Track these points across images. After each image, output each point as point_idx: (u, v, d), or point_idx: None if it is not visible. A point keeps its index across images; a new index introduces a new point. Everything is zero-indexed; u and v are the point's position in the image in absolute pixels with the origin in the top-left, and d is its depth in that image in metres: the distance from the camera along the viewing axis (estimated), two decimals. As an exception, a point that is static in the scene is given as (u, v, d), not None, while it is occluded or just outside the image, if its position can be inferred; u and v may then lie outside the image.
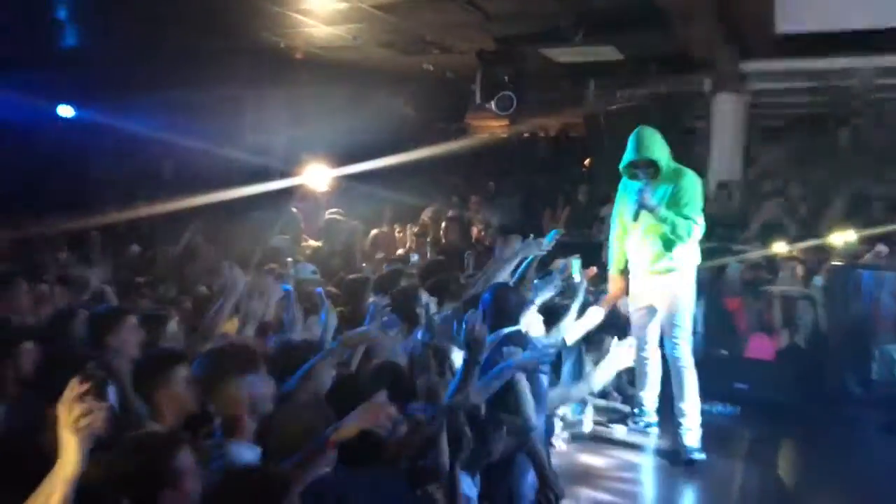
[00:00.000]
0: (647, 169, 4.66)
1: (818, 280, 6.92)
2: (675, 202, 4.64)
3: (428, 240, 7.66)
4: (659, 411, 5.20)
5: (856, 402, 5.96)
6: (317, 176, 8.85)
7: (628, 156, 4.71)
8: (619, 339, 4.64)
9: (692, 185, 4.70)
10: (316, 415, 2.68)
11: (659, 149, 4.67)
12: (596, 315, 4.79)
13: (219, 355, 2.88)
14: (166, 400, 2.84)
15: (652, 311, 4.99)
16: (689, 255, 4.86)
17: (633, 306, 5.14)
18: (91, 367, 3.12)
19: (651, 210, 4.61)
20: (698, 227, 4.67)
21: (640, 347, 4.99)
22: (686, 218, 4.61)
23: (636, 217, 4.72)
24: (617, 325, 5.53)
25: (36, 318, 4.41)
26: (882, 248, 6.98)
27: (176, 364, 2.90)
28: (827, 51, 7.85)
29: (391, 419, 2.45)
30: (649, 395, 5.20)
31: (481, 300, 4.23)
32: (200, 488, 2.22)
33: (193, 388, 2.82)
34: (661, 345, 5.03)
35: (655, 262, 4.87)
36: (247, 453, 2.61)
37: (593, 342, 5.70)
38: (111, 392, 3.18)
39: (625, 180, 4.95)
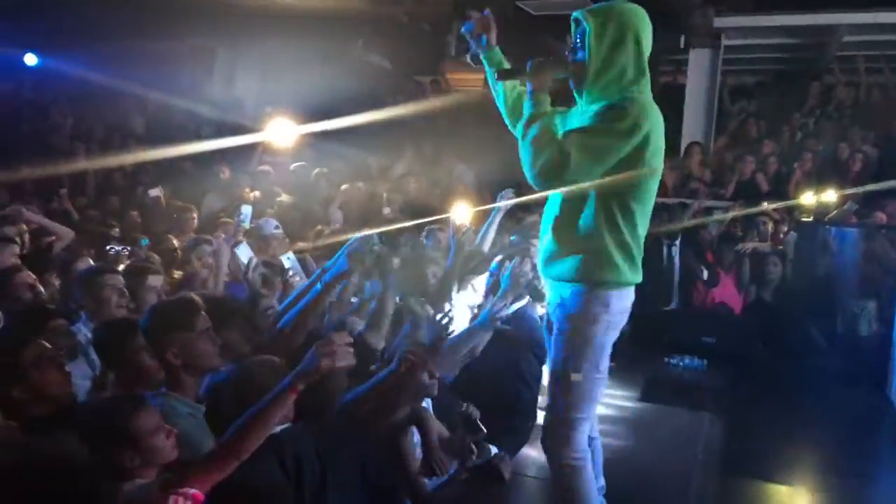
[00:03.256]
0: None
1: (792, 235, 7.04)
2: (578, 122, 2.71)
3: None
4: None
5: (820, 354, 6.11)
6: (287, 131, 8.76)
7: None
8: None
9: (620, 109, 2.59)
10: (272, 374, 2.68)
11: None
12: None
13: (156, 312, 2.86)
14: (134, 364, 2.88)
15: None
16: (596, 257, 2.70)
17: None
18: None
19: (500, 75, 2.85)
20: (568, 169, 2.55)
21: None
22: (557, 136, 2.63)
23: (474, 59, 2.96)
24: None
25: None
26: (851, 206, 7.09)
27: (135, 334, 2.89)
28: (801, 6, 7.86)
29: (349, 350, 2.36)
30: None
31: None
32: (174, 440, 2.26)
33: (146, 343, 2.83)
34: None
35: (546, 257, 2.86)
36: (183, 409, 2.63)
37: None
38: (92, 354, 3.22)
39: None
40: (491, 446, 3.58)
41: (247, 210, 5.39)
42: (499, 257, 4.21)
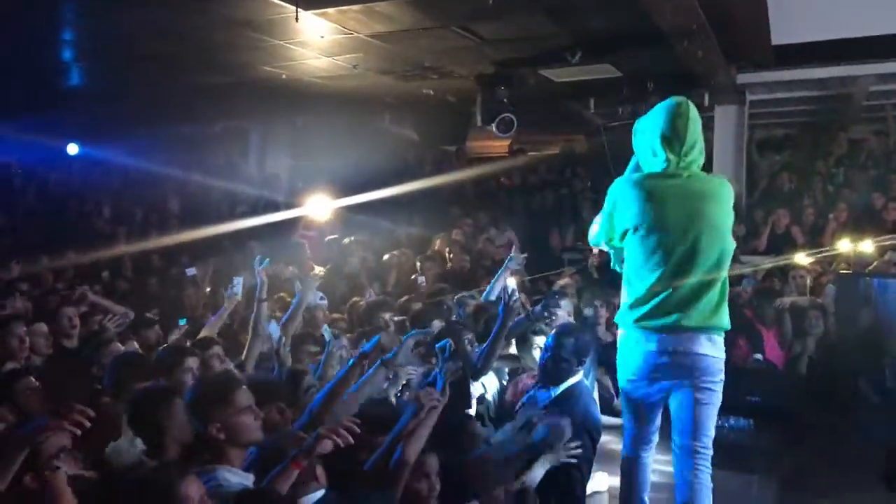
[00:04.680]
0: None
1: (831, 289, 6.92)
2: None
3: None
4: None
5: (871, 410, 5.91)
6: (321, 205, 8.94)
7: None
8: None
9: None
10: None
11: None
12: None
13: (199, 388, 2.97)
14: (169, 431, 2.90)
15: None
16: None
17: None
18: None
19: None
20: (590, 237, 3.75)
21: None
22: None
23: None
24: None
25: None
26: (892, 256, 6.96)
27: (174, 397, 2.98)
28: (824, 59, 7.89)
29: (348, 433, 2.55)
30: None
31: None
32: None
33: (189, 418, 2.88)
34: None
35: None
36: (233, 478, 2.67)
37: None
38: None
39: None
40: None
41: (238, 281, 5.43)
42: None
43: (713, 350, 3.35)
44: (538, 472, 3.56)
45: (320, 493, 2.58)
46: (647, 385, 3.44)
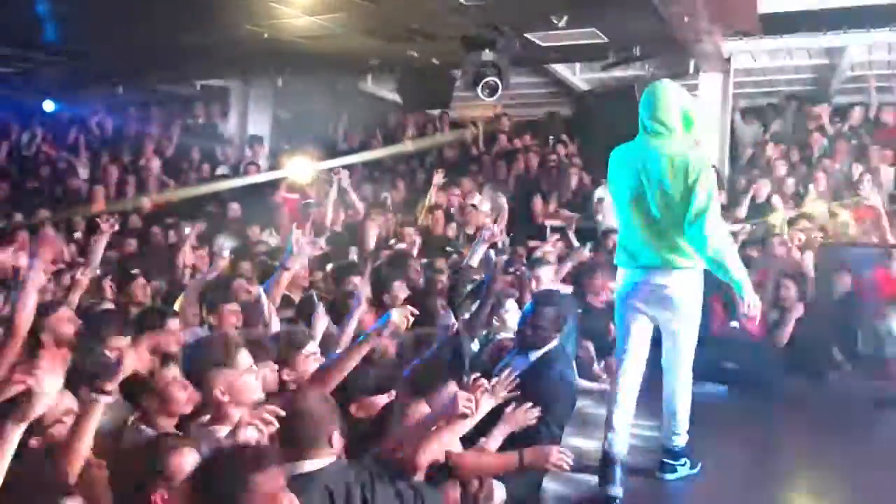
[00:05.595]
0: None
1: (809, 256, 7.00)
2: None
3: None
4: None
5: (845, 376, 6.02)
6: (302, 168, 8.87)
7: None
8: None
9: None
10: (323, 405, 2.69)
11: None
12: None
13: (196, 349, 2.97)
14: (156, 402, 2.84)
15: None
16: None
17: None
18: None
19: None
20: None
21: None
22: None
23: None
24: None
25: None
26: (868, 226, 7.05)
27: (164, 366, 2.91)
28: (809, 29, 7.88)
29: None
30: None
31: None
32: None
33: (183, 387, 2.84)
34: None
35: None
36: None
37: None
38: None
39: None
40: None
41: (222, 241, 5.39)
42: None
43: (672, 282, 3.93)
44: (497, 439, 3.53)
45: (330, 459, 2.52)
46: (626, 304, 4.06)
